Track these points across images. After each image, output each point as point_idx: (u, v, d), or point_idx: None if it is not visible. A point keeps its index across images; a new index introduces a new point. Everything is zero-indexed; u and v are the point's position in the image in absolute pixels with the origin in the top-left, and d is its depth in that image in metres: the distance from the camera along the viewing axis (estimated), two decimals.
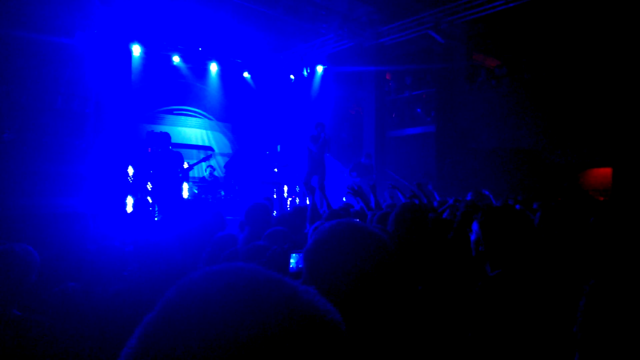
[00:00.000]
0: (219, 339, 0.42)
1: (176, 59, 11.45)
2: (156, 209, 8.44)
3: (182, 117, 12.49)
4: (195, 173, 11.14)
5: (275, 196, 10.73)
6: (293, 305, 0.47)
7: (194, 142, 12.38)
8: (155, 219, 7.56)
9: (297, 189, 11.94)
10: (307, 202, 9.45)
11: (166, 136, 8.62)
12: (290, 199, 11.48)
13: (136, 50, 10.56)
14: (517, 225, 1.89)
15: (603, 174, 9.66)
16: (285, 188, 11.80)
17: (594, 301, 1.03)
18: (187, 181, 9.67)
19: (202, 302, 0.46)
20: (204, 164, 10.77)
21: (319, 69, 12.41)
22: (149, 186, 8.63)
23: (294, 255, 2.02)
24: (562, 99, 9.60)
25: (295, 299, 0.48)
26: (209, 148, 12.34)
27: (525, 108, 10.15)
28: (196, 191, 10.26)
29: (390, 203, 6.44)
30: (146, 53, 10.82)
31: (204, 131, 12.84)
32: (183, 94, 12.38)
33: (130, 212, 8.06)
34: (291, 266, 2.00)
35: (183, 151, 9.28)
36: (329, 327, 0.47)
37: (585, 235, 2.85)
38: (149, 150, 10.15)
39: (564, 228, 3.21)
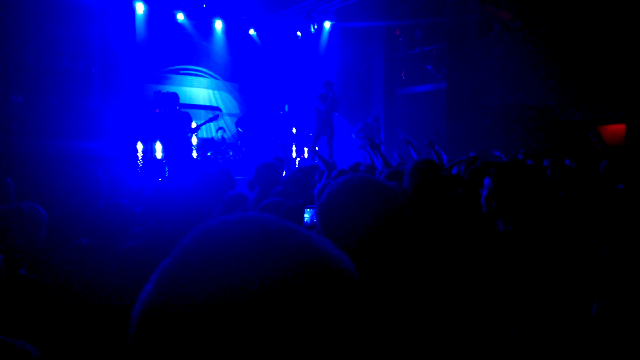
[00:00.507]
0: (232, 283, 0.43)
1: (180, 17, 11.22)
2: (166, 169, 8.49)
3: (189, 77, 12.35)
4: (204, 134, 11.13)
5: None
6: (306, 253, 0.47)
7: (201, 103, 12.29)
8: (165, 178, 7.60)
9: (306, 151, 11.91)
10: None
11: (174, 96, 8.57)
12: (299, 159, 11.46)
13: (140, 8, 10.34)
14: (529, 180, 1.87)
15: (616, 130, 9.49)
16: (294, 148, 11.78)
17: (615, 255, 1.03)
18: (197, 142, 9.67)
19: (217, 247, 0.47)
20: (212, 125, 10.74)
21: (327, 24, 12.10)
22: (159, 147, 8.65)
23: (307, 210, 2.05)
24: (577, 53, 9.31)
25: (309, 246, 0.48)
26: (217, 108, 12.26)
27: (539, 63, 9.87)
28: (209, 154, 10.25)
29: (399, 162, 6.41)
30: (150, 11, 10.60)
31: (210, 91, 12.71)
32: (189, 53, 12.19)
33: (141, 166, 8.11)
34: (305, 220, 2.04)
35: (190, 111, 9.24)
36: (342, 275, 0.48)
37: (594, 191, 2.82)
38: (157, 111, 10.13)
39: (576, 185, 3.18)
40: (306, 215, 2.06)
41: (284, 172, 5.95)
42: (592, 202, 2.75)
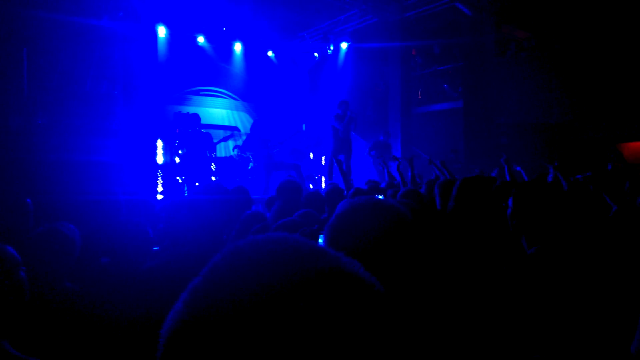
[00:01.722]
0: (265, 303, 0.43)
1: (201, 40, 11.48)
2: (186, 189, 8.59)
3: (208, 98, 12.57)
4: (222, 152, 11.27)
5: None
6: (339, 276, 0.47)
7: (219, 123, 12.47)
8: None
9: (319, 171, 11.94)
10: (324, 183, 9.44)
11: (196, 117, 8.71)
12: (316, 177, 11.50)
13: (161, 31, 10.62)
14: (550, 200, 1.87)
15: (637, 147, 9.34)
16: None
17: None
18: (215, 162, 9.79)
19: (249, 266, 0.47)
20: (230, 143, 10.87)
21: (343, 45, 12.25)
22: (177, 161, 8.75)
23: (321, 236, 2.06)
24: (593, 71, 9.26)
25: (341, 268, 0.48)
26: (235, 128, 12.42)
27: (555, 81, 9.83)
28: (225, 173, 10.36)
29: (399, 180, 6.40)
30: (171, 34, 10.87)
31: (229, 111, 12.91)
32: (208, 74, 12.43)
33: (161, 192, 8.23)
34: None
35: (209, 131, 9.39)
36: (375, 299, 0.48)
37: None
38: (177, 131, 10.30)
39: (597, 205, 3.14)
40: (320, 241, 2.06)
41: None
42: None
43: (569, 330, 1.58)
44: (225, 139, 10.09)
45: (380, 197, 3.49)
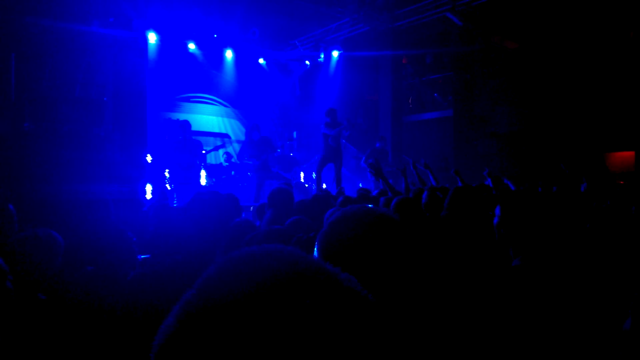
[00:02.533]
0: (258, 319, 0.42)
1: (192, 47, 11.45)
2: (175, 196, 8.53)
3: (199, 105, 12.54)
4: (212, 160, 11.22)
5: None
6: (338, 292, 0.46)
7: (210, 130, 12.43)
8: (174, 206, 7.63)
9: (314, 175, 11.94)
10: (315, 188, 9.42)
11: (186, 124, 8.67)
12: (307, 185, 11.50)
13: (152, 37, 10.59)
14: (536, 210, 1.88)
15: (624, 157, 9.46)
16: (302, 174, 11.83)
17: None
18: (205, 169, 9.74)
19: (243, 281, 0.45)
20: (220, 151, 10.83)
21: (335, 54, 12.30)
22: (167, 174, 8.71)
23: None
24: (582, 81, 9.38)
25: (339, 284, 0.47)
26: (226, 135, 12.39)
27: (544, 91, 9.94)
28: (214, 180, 10.33)
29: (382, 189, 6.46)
30: (162, 40, 10.84)
31: (220, 118, 12.88)
32: (199, 81, 12.41)
33: (150, 199, 8.15)
34: (315, 254, 2.02)
35: (200, 138, 9.35)
36: (374, 316, 0.47)
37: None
38: (167, 138, 10.24)
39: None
40: (315, 249, 2.05)
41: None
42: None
43: (555, 339, 1.57)
44: (216, 149, 10.04)
45: (370, 205, 3.50)
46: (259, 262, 0.47)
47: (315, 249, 1.22)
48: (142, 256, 2.65)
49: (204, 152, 8.87)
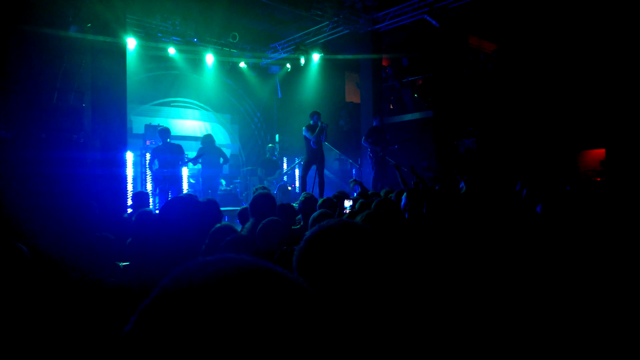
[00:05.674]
0: (208, 332, 0.44)
1: (172, 51, 11.39)
2: (157, 201, 8.48)
3: (180, 109, 12.47)
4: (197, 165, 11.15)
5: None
6: (284, 292, 0.49)
7: (192, 134, 12.37)
8: (155, 212, 7.58)
9: (297, 181, 11.96)
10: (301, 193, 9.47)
11: (166, 132, 8.66)
12: (290, 187, 11.50)
13: (131, 43, 10.50)
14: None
15: (598, 155, 9.71)
16: (285, 178, 11.83)
17: None
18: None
19: (194, 291, 0.47)
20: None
21: (315, 57, 12.35)
22: (149, 177, 8.65)
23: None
24: (559, 81, 9.58)
25: (286, 285, 0.50)
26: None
27: (521, 91, 10.12)
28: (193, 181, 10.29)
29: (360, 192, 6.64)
30: (141, 45, 10.75)
31: (202, 122, 12.83)
32: (180, 86, 12.34)
33: (130, 205, 8.08)
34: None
35: (180, 142, 9.30)
36: (322, 316, 0.49)
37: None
38: (148, 143, 10.17)
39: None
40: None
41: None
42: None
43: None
44: (199, 156, 9.90)
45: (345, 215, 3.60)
46: (208, 273, 0.50)
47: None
48: (123, 264, 2.65)
49: (186, 156, 8.83)
